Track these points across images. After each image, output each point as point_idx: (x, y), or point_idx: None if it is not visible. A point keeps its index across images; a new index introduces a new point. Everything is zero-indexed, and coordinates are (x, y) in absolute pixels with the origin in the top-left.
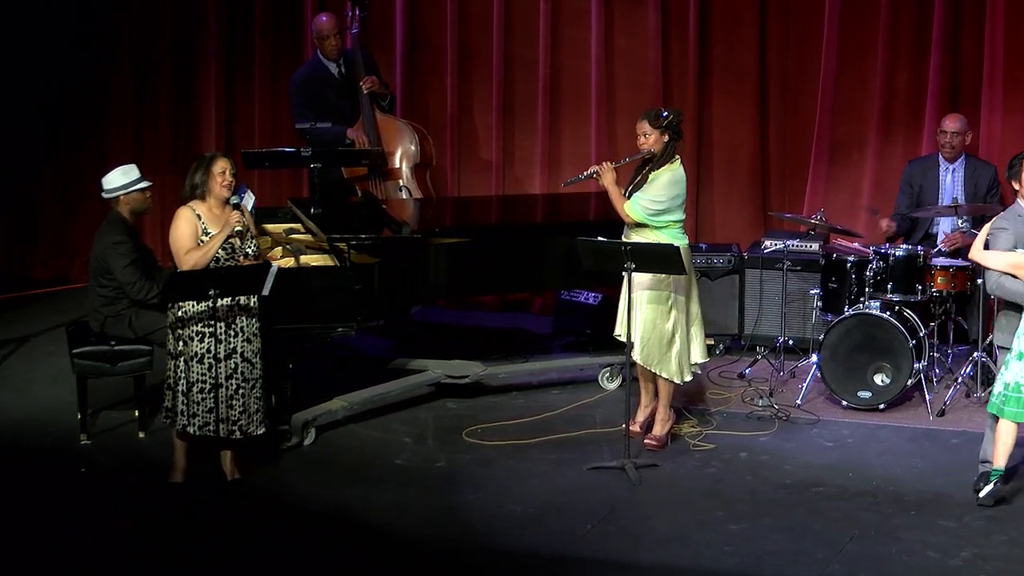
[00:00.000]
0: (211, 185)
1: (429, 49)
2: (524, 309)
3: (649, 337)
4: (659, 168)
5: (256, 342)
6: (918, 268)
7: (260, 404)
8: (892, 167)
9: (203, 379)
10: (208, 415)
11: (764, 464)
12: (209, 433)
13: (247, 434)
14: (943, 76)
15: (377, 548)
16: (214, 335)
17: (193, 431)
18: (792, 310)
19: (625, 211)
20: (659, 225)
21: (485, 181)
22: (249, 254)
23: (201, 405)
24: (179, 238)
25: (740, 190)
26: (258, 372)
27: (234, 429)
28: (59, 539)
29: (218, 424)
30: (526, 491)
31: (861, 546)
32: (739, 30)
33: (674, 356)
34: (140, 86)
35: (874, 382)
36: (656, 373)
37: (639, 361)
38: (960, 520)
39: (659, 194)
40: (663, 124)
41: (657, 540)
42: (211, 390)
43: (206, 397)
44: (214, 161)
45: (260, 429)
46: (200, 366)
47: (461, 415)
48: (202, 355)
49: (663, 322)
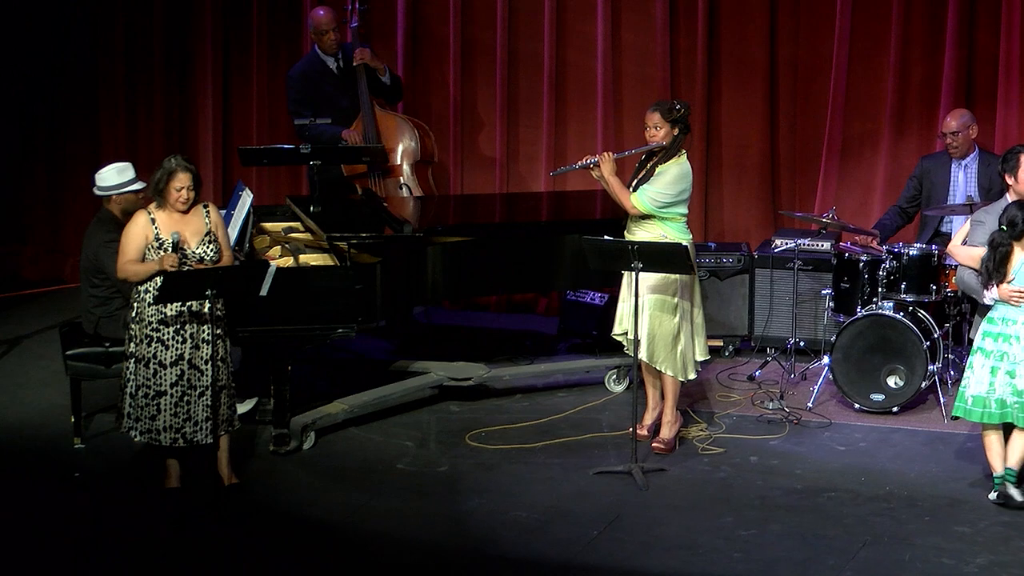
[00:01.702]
0: (167, 196)
1: (432, 42)
2: (529, 310)
3: (655, 334)
4: (666, 161)
5: (207, 348)
6: (932, 268)
7: (208, 412)
8: (906, 164)
9: (147, 384)
10: (151, 422)
11: (774, 468)
12: (152, 440)
13: (192, 442)
14: (958, 70)
15: (378, 556)
16: (161, 340)
17: (136, 436)
18: (803, 311)
19: (632, 202)
20: (666, 216)
21: (489, 178)
22: (205, 260)
23: (144, 411)
24: (126, 242)
25: (750, 187)
26: (207, 379)
27: (177, 437)
28: (52, 546)
29: (160, 432)
30: (531, 497)
31: (874, 552)
32: (749, 23)
33: (679, 353)
34: (133, 80)
35: (887, 384)
36: (660, 370)
37: (643, 358)
38: (975, 526)
39: (667, 187)
40: (676, 117)
41: (665, 546)
42: (154, 397)
43: (149, 404)
44: (174, 175)
45: (207, 438)
46: (145, 370)
47: (464, 418)
48: (147, 359)
49: (669, 320)
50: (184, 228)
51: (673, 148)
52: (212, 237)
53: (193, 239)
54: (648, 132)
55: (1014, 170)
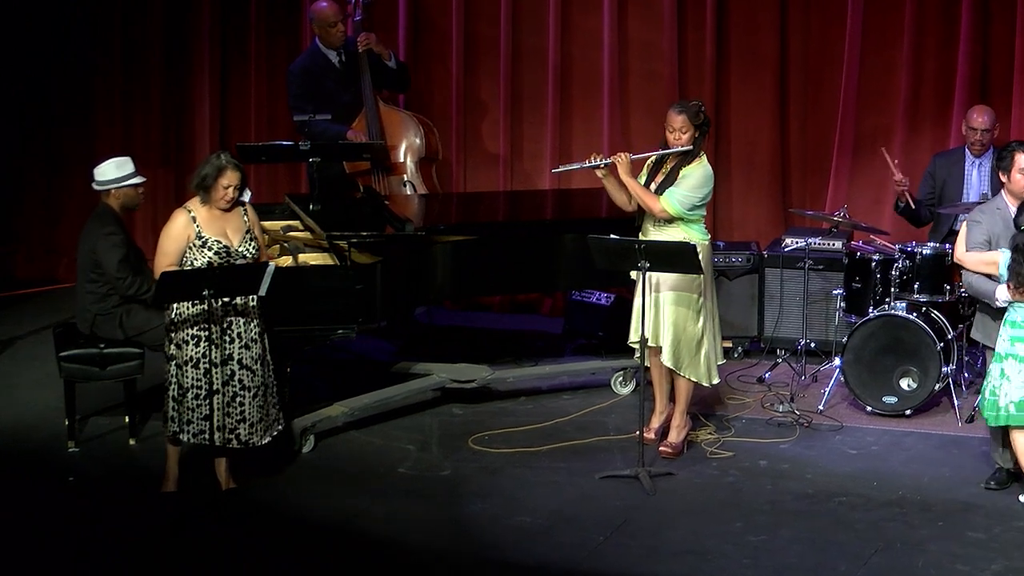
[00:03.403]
0: (213, 193)
1: (434, 37)
2: (533, 310)
3: (679, 339)
4: (689, 164)
5: (256, 347)
6: (946, 267)
7: (263, 413)
8: (919, 160)
9: (198, 384)
10: (203, 422)
11: (785, 473)
12: (204, 441)
13: (245, 444)
14: (972, 64)
15: (378, 562)
16: (210, 339)
17: (187, 439)
18: (814, 311)
19: (661, 206)
20: (692, 218)
21: (492, 176)
22: (247, 258)
23: (196, 412)
24: (165, 242)
25: (759, 185)
26: (259, 379)
27: (231, 438)
28: (46, 552)
29: (213, 432)
30: (535, 501)
31: (886, 559)
32: (758, 16)
33: (703, 358)
34: (130, 74)
35: (900, 387)
36: (685, 377)
37: (668, 364)
38: (990, 531)
39: (695, 191)
40: (701, 120)
41: (673, 552)
42: (206, 396)
43: (201, 404)
44: (223, 172)
45: (264, 439)
46: (195, 371)
47: (467, 421)
48: (197, 359)
49: (693, 324)
50: (226, 226)
51: (696, 150)
52: (252, 235)
53: (235, 237)
54: (672, 135)
55: (1008, 169)
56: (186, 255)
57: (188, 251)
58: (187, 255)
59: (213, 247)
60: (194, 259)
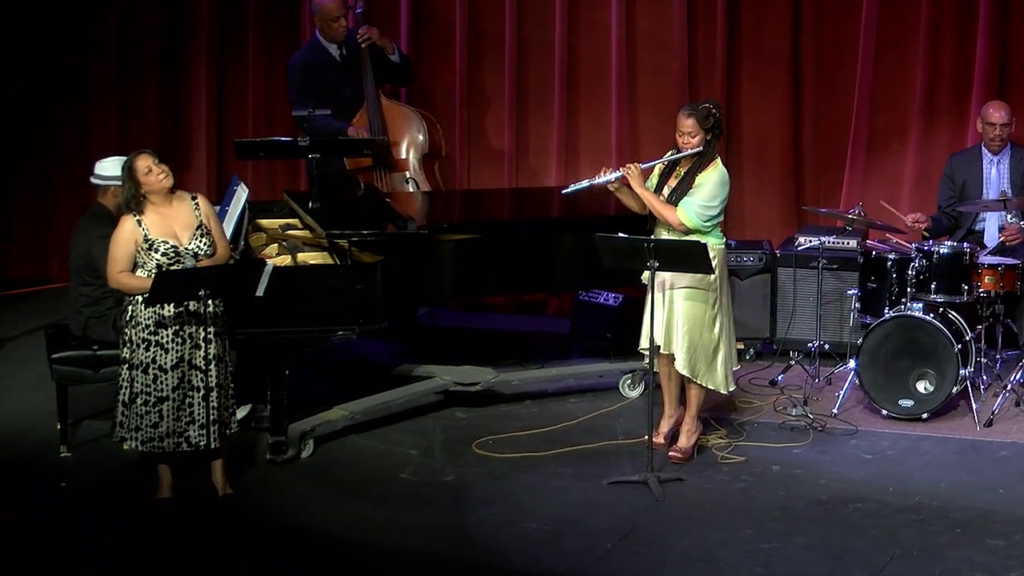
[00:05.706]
0: (146, 187)
1: (436, 30)
2: (539, 311)
3: (696, 346)
4: (704, 169)
5: (208, 347)
6: (964, 267)
7: (216, 415)
8: (935, 158)
9: (147, 391)
10: (152, 430)
11: (798, 478)
12: (155, 449)
13: (195, 447)
14: (990, 60)
15: (380, 569)
16: (160, 344)
17: (135, 446)
18: (828, 312)
19: (678, 218)
20: (708, 229)
21: (497, 173)
22: (199, 255)
23: (145, 419)
24: (115, 250)
25: (772, 183)
26: (212, 380)
27: (180, 441)
28: (37, 559)
29: (163, 439)
30: (541, 507)
31: (902, 566)
32: (770, 10)
33: (720, 364)
34: (124, 70)
35: (916, 390)
36: (701, 384)
37: (684, 373)
38: (1009, 539)
39: (712, 199)
40: (712, 124)
41: (682, 560)
42: (155, 403)
43: (150, 411)
44: (133, 164)
45: (215, 442)
46: (144, 376)
47: (471, 425)
48: (147, 365)
49: (709, 330)
50: (174, 225)
51: (709, 154)
52: (204, 230)
53: (184, 234)
54: (682, 139)
55: None
56: (136, 259)
57: (137, 255)
58: (137, 259)
59: (160, 248)
60: (144, 263)
